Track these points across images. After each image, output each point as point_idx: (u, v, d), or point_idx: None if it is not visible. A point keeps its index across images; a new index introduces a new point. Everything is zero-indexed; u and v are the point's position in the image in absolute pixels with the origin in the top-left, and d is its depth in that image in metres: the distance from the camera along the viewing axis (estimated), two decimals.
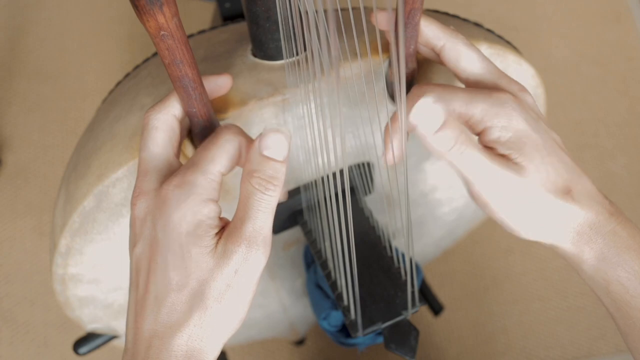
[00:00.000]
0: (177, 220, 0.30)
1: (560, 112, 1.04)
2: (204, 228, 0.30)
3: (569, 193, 0.35)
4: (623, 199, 0.98)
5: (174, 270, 0.30)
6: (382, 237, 0.47)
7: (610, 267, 0.34)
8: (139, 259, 0.32)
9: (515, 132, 0.34)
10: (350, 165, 0.49)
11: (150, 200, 0.32)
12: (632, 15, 1.13)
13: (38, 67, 1.05)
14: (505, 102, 0.34)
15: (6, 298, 0.89)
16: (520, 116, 0.34)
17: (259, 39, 0.39)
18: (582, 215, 0.35)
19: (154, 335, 0.30)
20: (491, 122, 0.34)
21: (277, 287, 0.60)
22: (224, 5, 0.67)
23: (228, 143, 0.32)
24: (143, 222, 0.32)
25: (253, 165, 0.31)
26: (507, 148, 0.34)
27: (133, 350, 0.31)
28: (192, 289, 0.30)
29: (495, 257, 0.93)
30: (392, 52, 0.30)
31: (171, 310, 0.30)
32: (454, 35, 0.37)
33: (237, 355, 0.85)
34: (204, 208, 0.31)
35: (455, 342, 0.89)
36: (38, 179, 0.97)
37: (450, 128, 0.32)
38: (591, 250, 0.35)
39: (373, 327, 0.42)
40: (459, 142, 0.33)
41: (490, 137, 0.34)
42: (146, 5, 0.27)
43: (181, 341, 0.30)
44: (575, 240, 0.35)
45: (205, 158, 0.32)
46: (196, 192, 0.31)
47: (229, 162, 0.32)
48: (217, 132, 0.33)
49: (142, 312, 0.31)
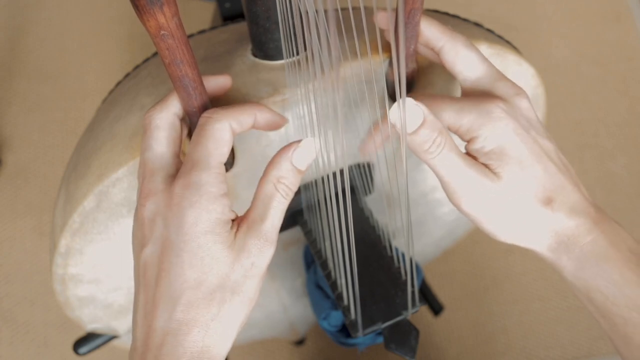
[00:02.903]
0: (192, 221, 0.31)
1: (560, 112, 1.04)
2: (221, 225, 0.31)
3: (549, 203, 0.35)
4: (623, 199, 0.98)
5: (191, 269, 0.31)
6: (382, 237, 0.47)
7: (589, 276, 0.35)
8: (149, 259, 0.32)
9: (498, 143, 0.35)
10: (350, 165, 0.49)
11: (159, 201, 0.32)
12: (632, 15, 1.13)
13: (38, 67, 1.05)
14: (492, 112, 0.35)
15: (6, 298, 0.89)
16: (507, 127, 0.35)
17: (259, 39, 0.39)
18: (561, 225, 0.35)
19: (167, 333, 0.30)
20: (477, 132, 0.35)
21: (277, 287, 0.60)
22: (224, 5, 0.67)
23: (219, 131, 0.32)
24: (153, 222, 0.32)
25: (282, 172, 0.33)
26: (487, 158, 0.35)
27: (143, 349, 0.31)
28: (210, 284, 0.31)
29: (495, 257, 0.93)
30: (392, 52, 0.30)
31: (187, 308, 0.31)
32: (454, 36, 0.37)
33: (237, 355, 0.85)
34: (217, 206, 0.31)
35: (455, 342, 0.89)
36: (38, 179, 0.97)
37: (428, 129, 0.33)
38: (569, 260, 0.35)
39: (373, 327, 0.42)
40: (435, 143, 0.34)
41: (474, 146, 0.36)
42: (146, 5, 0.27)
43: (197, 337, 0.30)
44: (552, 248, 0.36)
45: (203, 153, 0.32)
46: (205, 190, 0.31)
47: (227, 149, 0.33)
48: (203, 121, 0.33)
49: (154, 311, 0.31)
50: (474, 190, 0.35)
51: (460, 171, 0.35)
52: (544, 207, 0.35)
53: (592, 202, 0.36)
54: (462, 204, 0.36)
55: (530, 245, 0.36)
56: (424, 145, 0.34)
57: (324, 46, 0.29)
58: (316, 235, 0.48)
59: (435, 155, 0.34)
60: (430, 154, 0.34)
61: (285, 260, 0.57)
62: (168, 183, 0.32)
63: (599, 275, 0.34)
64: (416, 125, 0.33)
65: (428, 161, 0.35)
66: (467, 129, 0.35)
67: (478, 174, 0.35)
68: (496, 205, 0.35)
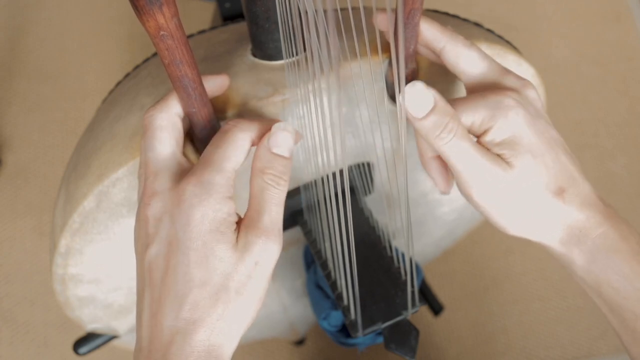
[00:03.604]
0: (199, 219, 0.31)
1: (560, 112, 1.04)
2: (227, 225, 0.31)
3: (561, 194, 0.35)
4: (623, 199, 0.98)
5: (197, 268, 0.31)
6: (382, 237, 0.47)
7: (600, 270, 0.34)
8: (154, 258, 0.32)
9: (510, 133, 0.34)
10: (350, 165, 0.49)
11: (166, 200, 0.32)
12: (632, 15, 1.13)
13: (38, 67, 1.05)
14: (503, 102, 0.35)
15: (6, 298, 0.89)
16: (517, 116, 0.34)
17: (258, 39, 0.39)
18: (573, 217, 0.35)
19: (175, 332, 0.30)
20: (489, 124, 0.35)
21: (277, 287, 0.60)
22: (224, 5, 0.67)
23: (240, 140, 0.33)
24: (159, 221, 0.32)
25: (264, 163, 0.33)
26: (500, 148, 0.35)
27: (150, 348, 0.31)
28: (215, 283, 0.31)
29: (495, 257, 0.93)
30: (392, 53, 0.30)
31: (194, 307, 0.31)
32: (454, 37, 0.37)
33: (237, 355, 0.85)
34: (224, 206, 0.31)
35: (455, 342, 0.89)
36: (38, 179, 0.97)
37: (439, 114, 0.33)
38: (581, 252, 0.35)
39: (373, 327, 0.42)
40: (447, 129, 0.33)
41: (486, 138, 0.35)
42: (146, 6, 0.27)
43: (203, 336, 0.31)
44: (564, 240, 0.35)
45: (220, 156, 0.32)
46: (216, 190, 0.31)
47: (241, 157, 0.33)
48: (228, 128, 0.33)
49: (160, 310, 0.31)
50: (486, 179, 0.34)
51: (472, 159, 0.34)
52: (555, 198, 0.35)
53: (600, 195, 0.36)
54: (474, 194, 0.35)
55: (541, 239, 0.36)
56: (435, 130, 0.33)
57: (323, 46, 0.29)
58: (316, 235, 0.48)
59: (447, 141, 0.33)
60: (442, 140, 0.33)
61: (285, 260, 0.57)
62: (174, 182, 0.33)
63: (610, 268, 0.34)
64: (427, 110, 0.33)
65: (440, 148, 0.34)
66: (480, 123, 0.35)
67: (491, 162, 0.34)
68: (508, 196, 0.35)
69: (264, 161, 0.33)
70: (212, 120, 0.36)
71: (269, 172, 0.32)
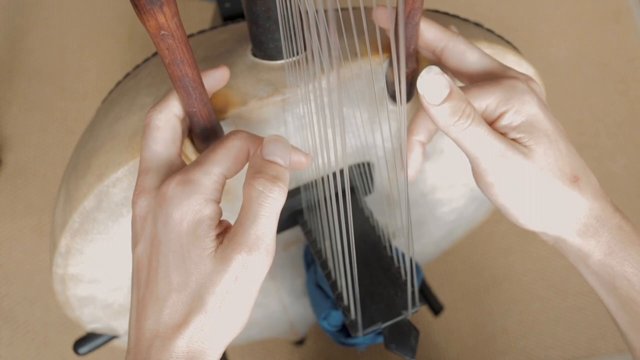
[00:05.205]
0: (178, 218, 0.30)
1: (560, 112, 1.04)
2: (204, 228, 0.30)
3: (576, 182, 0.34)
4: (623, 199, 0.98)
5: (175, 271, 0.30)
6: (382, 237, 0.47)
7: (616, 262, 0.34)
8: (140, 258, 0.32)
9: (527, 116, 0.34)
10: (351, 165, 0.49)
11: (151, 199, 0.31)
12: (632, 15, 1.13)
13: (38, 67, 1.05)
14: (516, 86, 0.34)
15: (6, 298, 0.89)
16: (533, 100, 0.34)
17: (259, 39, 0.39)
18: (589, 206, 0.34)
19: (155, 335, 0.30)
20: (504, 107, 0.34)
21: (277, 287, 0.60)
22: (224, 5, 0.67)
23: (235, 147, 0.32)
24: (144, 220, 0.32)
25: (255, 168, 0.31)
26: (517, 132, 0.34)
27: (135, 350, 0.31)
28: (192, 290, 0.30)
29: (495, 257, 0.93)
30: (392, 52, 0.30)
31: (173, 311, 0.30)
32: (454, 37, 0.37)
33: (237, 355, 0.85)
34: (205, 208, 0.30)
35: (455, 342, 0.89)
36: (38, 179, 0.97)
37: (455, 100, 0.32)
38: (598, 244, 0.34)
39: (373, 327, 0.42)
40: (464, 116, 0.32)
41: (502, 122, 0.34)
42: (146, 5, 0.27)
43: (182, 342, 0.30)
44: (581, 231, 0.35)
45: (210, 159, 0.31)
46: (198, 191, 0.30)
47: (234, 166, 0.32)
48: (227, 136, 0.33)
49: (143, 312, 0.31)
50: (506, 166, 0.33)
51: (491, 146, 0.33)
52: (571, 186, 0.34)
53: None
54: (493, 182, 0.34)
55: (558, 231, 0.35)
56: (453, 117, 0.32)
57: (324, 46, 0.29)
58: (316, 235, 0.48)
59: (464, 127, 0.32)
60: (460, 126, 0.32)
61: (285, 260, 0.57)
62: (162, 181, 0.32)
63: (627, 261, 0.33)
64: (443, 96, 0.31)
65: (457, 135, 0.33)
66: (495, 107, 0.34)
67: (510, 148, 0.33)
68: (527, 184, 0.34)
69: (256, 166, 0.31)
70: (212, 120, 0.36)
71: (259, 176, 0.30)
